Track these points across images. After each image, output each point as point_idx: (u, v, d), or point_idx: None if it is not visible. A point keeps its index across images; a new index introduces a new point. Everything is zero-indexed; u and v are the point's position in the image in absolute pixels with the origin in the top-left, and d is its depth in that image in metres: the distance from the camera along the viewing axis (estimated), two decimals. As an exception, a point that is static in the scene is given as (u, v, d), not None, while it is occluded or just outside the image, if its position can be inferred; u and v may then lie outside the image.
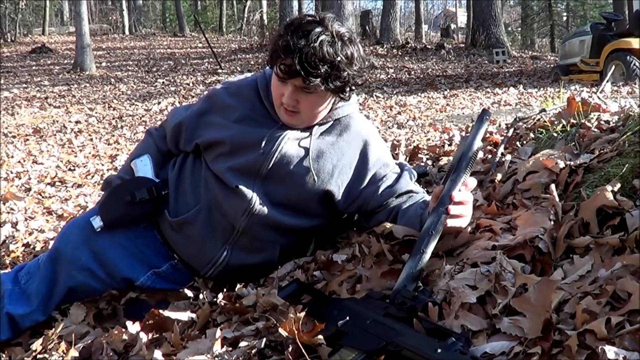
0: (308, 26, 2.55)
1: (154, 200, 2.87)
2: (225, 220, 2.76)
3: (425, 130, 8.33)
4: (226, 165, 2.74)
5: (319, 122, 2.80)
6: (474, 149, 2.26)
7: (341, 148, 2.78)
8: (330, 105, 2.75)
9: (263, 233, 2.77)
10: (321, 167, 2.73)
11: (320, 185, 2.73)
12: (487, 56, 24.69)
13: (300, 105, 2.65)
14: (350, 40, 2.61)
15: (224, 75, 22.03)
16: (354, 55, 2.60)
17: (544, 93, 13.49)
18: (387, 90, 16.53)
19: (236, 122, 2.80)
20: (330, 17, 2.62)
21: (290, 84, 2.59)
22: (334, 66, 2.53)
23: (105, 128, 12.38)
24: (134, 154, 3.15)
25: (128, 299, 2.82)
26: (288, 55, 2.51)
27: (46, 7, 44.60)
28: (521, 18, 47.42)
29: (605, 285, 1.74)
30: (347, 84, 2.63)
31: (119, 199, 2.86)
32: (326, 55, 2.50)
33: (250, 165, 2.72)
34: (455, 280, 2.02)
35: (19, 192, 6.47)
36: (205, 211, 2.79)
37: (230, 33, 43.70)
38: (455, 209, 2.20)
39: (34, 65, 27.12)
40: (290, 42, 2.51)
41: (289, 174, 2.72)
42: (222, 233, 2.78)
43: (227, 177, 2.72)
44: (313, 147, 2.74)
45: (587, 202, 2.23)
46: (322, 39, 2.50)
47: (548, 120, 3.62)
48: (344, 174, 2.77)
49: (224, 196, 2.74)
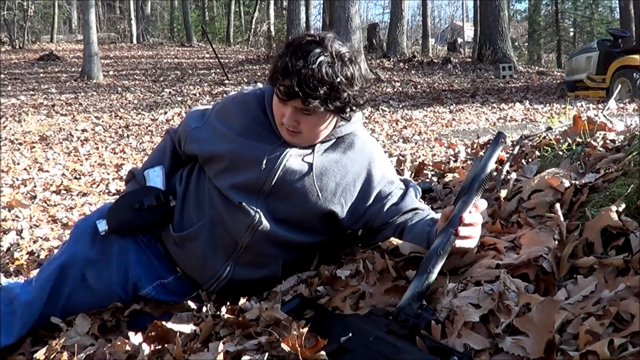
0: (307, 47, 2.53)
1: (161, 209, 2.87)
2: (229, 236, 2.75)
3: (430, 145, 8.33)
4: (229, 182, 2.73)
5: (321, 140, 2.78)
6: (487, 171, 2.25)
7: (345, 166, 2.77)
8: (332, 124, 2.73)
9: (266, 249, 2.77)
10: (325, 185, 2.73)
11: (323, 203, 2.72)
12: (494, 71, 24.70)
13: (300, 125, 2.64)
14: (351, 60, 2.58)
15: (231, 86, 22.07)
16: (354, 76, 2.57)
17: (550, 109, 13.50)
18: (393, 104, 16.56)
19: (239, 135, 2.79)
20: (330, 37, 2.59)
21: (290, 105, 2.57)
22: (333, 87, 2.50)
23: (111, 137, 12.40)
24: (153, 156, 3.19)
25: (132, 311, 2.81)
26: (287, 76, 2.49)
27: (55, 14, 44.73)
28: (528, 33, 47.45)
29: (608, 307, 1.73)
30: (347, 104, 2.60)
31: (127, 205, 2.87)
32: (325, 76, 2.47)
33: (253, 182, 2.71)
34: (458, 298, 2.01)
35: (25, 199, 6.50)
36: (209, 227, 2.78)
37: (238, 44, 43.75)
38: (464, 231, 2.20)
39: (42, 73, 27.19)
40: (289, 64, 2.49)
41: (292, 191, 2.72)
42: (225, 249, 2.78)
43: (231, 194, 2.72)
44: (316, 164, 2.73)
45: (592, 222, 2.23)
46: (320, 60, 2.48)
47: (554, 138, 3.63)
48: (348, 192, 2.76)
49: (227, 212, 2.74)
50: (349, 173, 2.77)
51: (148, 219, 2.86)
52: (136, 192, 2.94)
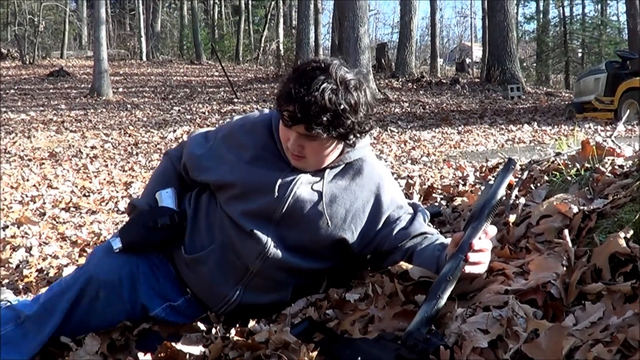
0: (312, 73, 2.54)
1: (175, 228, 2.88)
2: (239, 261, 2.76)
3: (439, 167, 8.32)
4: (240, 209, 2.74)
5: (329, 165, 2.79)
6: (497, 197, 2.27)
7: (354, 192, 2.78)
8: (337, 150, 2.74)
9: (276, 275, 2.78)
10: (334, 212, 2.73)
11: (333, 230, 2.73)
12: (502, 92, 24.69)
13: (305, 150, 2.65)
14: (356, 87, 2.58)
15: (240, 104, 22.10)
16: (358, 103, 2.58)
17: (558, 131, 13.50)
18: (401, 125, 16.55)
19: (248, 163, 2.80)
20: (336, 63, 2.60)
21: (294, 130, 2.59)
22: (336, 114, 2.51)
23: (120, 154, 12.42)
24: (155, 179, 3.19)
25: (141, 330, 2.81)
26: (290, 102, 2.51)
27: (65, 30, 44.87)
28: (536, 54, 47.40)
29: (616, 333, 1.74)
30: (351, 131, 2.61)
31: (141, 224, 2.88)
32: (328, 103, 2.48)
33: (264, 209, 2.72)
34: (467, 323, 2.02)
35: (34, 216, 6.50)
36: (219, 251, 2.79)
37: (247, 62, 43.80)
38: (474, 257, 2.21)
39: (52, 89, 27.27)
40: (293, 90, 2.51)
41: (302, 218, 2.73)
42: (236, 273, 2.78)
43: (241, 221, 2.73)
44: (326, 192, 2.74)
45: (600, 248, 2.23)
46: (324, 87, 2.48)
47: (562, 163, 3.64)
48: (357, 218, 2.77)
49: (238, 238, 2.74)
50: (358, 199, 2.78)
51: (162, 237, 2.87)
52: (150, 211, 2.96)
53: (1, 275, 4.52)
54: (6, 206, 7.01)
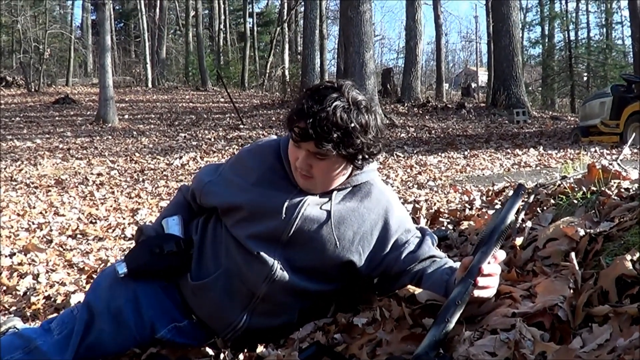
0: (325, 91, 2.59)
1: (180, 255, 2.89)
2: (245, 287, 2.76)
3: (445, 192, 8.32)
4: (247, 232, 2.75)
5: (337, 188, 2.81)
6: (507, 223, 2.27)
7: (362, 215, 2.78)
8: (345, 172, 2.76)
9: (283, 298, 2.78)
10: (342, 234, 2.74)
11: (341, 252, 2.73)
12: (508, 116, 24.68)
13: (313, 170, 2.67)
14: (367, 109, 2.62)
15: (245, 130, 22.14)
16: (369, 124, 2.61)
17: (564, 155, 13.48)
18: (407, 149, 16.56)
19: (255, 186, 2.82)
20: (349, 84, 2.65)
21: (304, 147, 2.62)
22: (347, 132, 2.54)
23: (127, 181, 12.42)
24: (166, 210, 3.22)
25: (149, 355, 2.81)
26: (302, 118, 2.55)
27: (71, 58, 45.05)
28: (542, 78, 47.44)
29: (623, 355, 1.74)
30: (360, 151, 2.64)
31: (147, 250, 2.89)
32: (339, 120, 2.52)
33: (272, 232, 2.73)
34: (475, 346, 2.02)
35: (41, 243, 6.51)
36: (225, 277, 2.79)
37: (252, 88, 43.86)
38: (483, 281, 2.21)
39: (57, 116, 27.29)
40: (305, 106, 2.55)
41: (310, 240, 2.73)
42: (242, 299, 2.78)
43: (249, 244, 2.74)
44: (334, 213, 2.75)
45: (607, 271, 2.23)
46: (336, 104, 2.53)
47: (569, 186, 3.64)
48: (365, 241, 2.77)
49: (245, 262, 2.75)
50: (367, 221, 2.78)
51: (167, 264, 2.88)
52: (157, 238, 2.98)
53: (8, 303, 4.53)
54: (13, 233, 7.02)
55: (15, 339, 2.73)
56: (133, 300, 2.80)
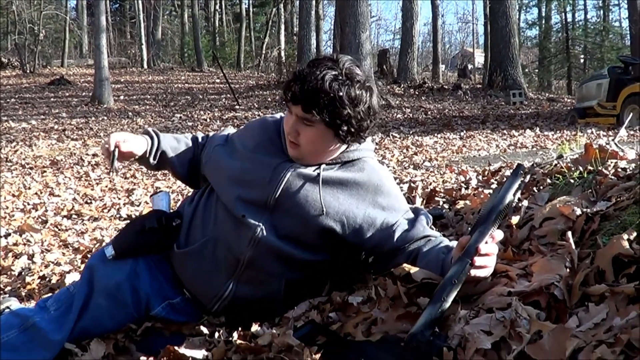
0: (321, 61, 2.66)
1: (163, 229, 2.94)
2: (231, 254, 2.78)
3: (441, 172, 8.31)
4: (236, 194, 2.80)
5: (326, 162, 2.83)
6: (505, 202, 2.26)
7: (349, 188, 2.80)
8: (332, 146, 2.78)
9: (268, 265, 2.79)
10: (327, 202, 2.75)
11: (324, 219, 2.74)
12: (504, 97, 24.69)
13: (300, 137, 2.71)
14: (361, 84, 2.66)
15: (241, 111, 22.13)
16: (359, 98, 2.64)
17: (561, 136, 13.49)
18: (403, 130, 16.57)
19: (251, 152, 2.89)
20: (348, 59, 2.69)
21: (294, 112, 2.67)
22: (334, 101, 2.58)
23: (122, 162, 12.33)
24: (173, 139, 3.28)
25: (144, 329, 2.83)
26: (294, 81, 2.62)
27: (66, 39, 44.82)
28: (538, 60, 47.41)
29: (620, 334, 1.73)
30: (346, 122, 2.65)
31: (132, 230, 2.95)
32: (327, 88, 2.56)
33: (259, 196, 2.77)
34: (470, 325, 2.02)
35: (36, 224, 6.51)
36: (212, 245, 2.83)
37: (248, 69, 43.85)
38: (480, 261, 2.21)
39: (52, 97, 27.27)
40: (300, 71, 2.64)
41: (294, 206, 2.76)
42: (227, 267, 2.81)
43: (237, 206, 2.78)
44: (320, 181, 2.77)
45: (603, 250, 2.23)
46: (327, 72, 2.59)
47: (565, 166, 3.63)
48: (350, 213, 2.77)
49: (231, 229, 2.79)
50: (353, 195, 2.80)
51: (149, 240, 2.93)
52: (140, 217, 3.07)
53: (3, 283, 4.53)
54: (8, 214, 7.02)
55: (11, 318, 2.74)
56: (130, 278, 2.83)
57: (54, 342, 2.65)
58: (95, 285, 2.78)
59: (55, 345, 2.65)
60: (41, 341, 2.64)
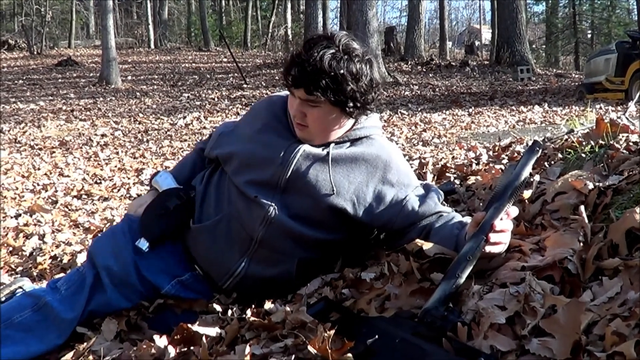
0: (317, 40, 2.65)
1: (186, 204, 2.96)
2: (244, 232, 2.79)
3: (450, 148, 8.30)
4: (246, 178, 2.80)
5: (335, 140, 2.83)
6: (521, 179, 2.25)
7: (359, 165, 2.79)
8: (341, 123, 2.79)
9: (281, 244, 2.80)
10: (337, 182, 2.75)
11: (335, 199, 2.74)
12: (512, 74, 24.65)
13: (307, 118, 2.71)
14: (360, 58, 2.66)
15: (249, 90, 22.11)
16: (360, 72, 2.64)
17: (569, 111, 13.45)
18: (411, 107, 16.56)
19: (258, 133, 2.89)
20: (343, 34, 2.70)
21: (297, 95, 2.67)
22: (336, 79, 2.58)
23: (131, 142, 12.44)
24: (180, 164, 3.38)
25: (156, 307, 2.84)
26: (293, 66, 2.62)
27: (72, 20, 44.70)
28: (545, 35, 47.17)
29: (634, 308, 1.73)
30: (350, 98, 2.65)
31: (154, 216, 2.95)
32: (327, 67, 2.56)
33: (269, 178, 2.77)
34: (484, 300, 2.02)
35: (46, 204, 6.52)
36: (226, 222, 2.83)
37: (255, 48, 43.69)
38: (495, 237, 2.21)
39: (60, 78, 27.22)
40: (296, 54, 2.64)
41: (305, 186, 2.76)
42: (241, 245, 2.81)
43: (248, 190, 2.78)
44: (331, 160, 2.76)
45: (616, 224, 2.22)
46: (324, 51, 2.58)
47: (576, 140, 3.61)
48: (360, 192, 2.77)
49: (244, 207, 2.79)
50: (363, 172, 2.79)
51: (178, 218, 2.95)
52: (156, 201, 3.04)
53: (15, 263, 4.54)
54: (18, 195, 7.04)
55: (24, 299, 2.78)
56: (132, 262, 2.85)
57: (66, 320, 2.68)
58: (105, 265, 2.81)
59: (68, 324, 2.68)
60: (54, 320, 2.67)
